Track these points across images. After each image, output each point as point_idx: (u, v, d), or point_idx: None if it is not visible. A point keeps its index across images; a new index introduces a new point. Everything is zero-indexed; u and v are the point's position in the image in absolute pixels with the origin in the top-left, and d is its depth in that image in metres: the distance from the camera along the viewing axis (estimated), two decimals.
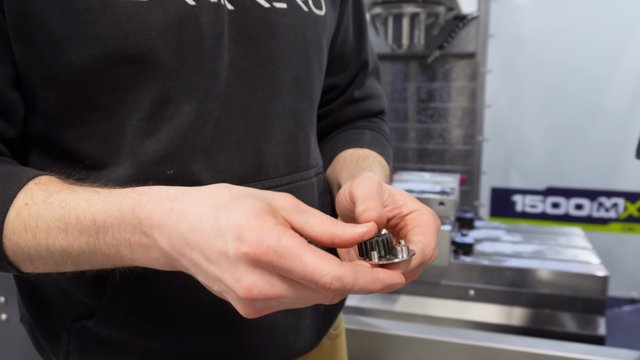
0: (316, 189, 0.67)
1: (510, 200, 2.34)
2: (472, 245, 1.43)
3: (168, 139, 0.53)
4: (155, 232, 0.42)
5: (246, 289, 0.38)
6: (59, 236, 0.45)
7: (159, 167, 0.53)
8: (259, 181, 0.58)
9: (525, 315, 1.33)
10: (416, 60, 2.23)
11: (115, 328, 0.57)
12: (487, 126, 2.28)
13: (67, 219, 0.45)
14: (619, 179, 2.20)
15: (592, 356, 1.02)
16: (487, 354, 1.08)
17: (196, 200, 0.41)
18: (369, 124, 0.78)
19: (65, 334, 0.59)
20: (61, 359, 0.60)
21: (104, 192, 0.45)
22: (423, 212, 0.49)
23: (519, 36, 2.22)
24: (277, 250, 0.37)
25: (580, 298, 1.31)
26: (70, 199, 0.45)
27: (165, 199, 0.42)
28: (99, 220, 0.44)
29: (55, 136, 0.54)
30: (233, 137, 0.56)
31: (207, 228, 0.39)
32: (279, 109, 0.59)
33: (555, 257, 1.43)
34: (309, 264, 0.37)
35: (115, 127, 0.52)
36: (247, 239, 0.37)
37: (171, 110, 0.53)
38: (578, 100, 2.20)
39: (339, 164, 0.70)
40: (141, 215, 0.42)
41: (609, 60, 2.14)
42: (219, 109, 0.55)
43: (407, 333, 1.13)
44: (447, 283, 1.39)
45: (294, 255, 0.37)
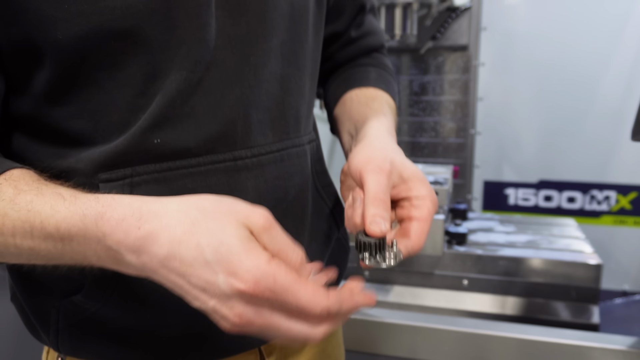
0: (309, 157, 0.66)
1: (503, 194, 2.34)
2: (465, 235, 1.42)
3: (157, 108, 0.52)
4: (122, 249, 0.42)
5: (237, 317, 0.41)
6: (25, 238, 0.45)
7: (146, 136, 0.52)
8: (248, 148, 0.57)
9: (519, 305, 1.32)
10: (409, 53, 2.22)
11: (103, 301, 0.55)
12: (480, 119, 2.28)
13: (32, 223, 0.44)
14: (611, 171, 2.21)
15: (586, 342, 1.02)
16: (481, 341, 1.07)
17: (167, 224, 0.42)
18: (371, 60, 0.78)
19: (54, 311, 0.58)
20: (51, 337, 0.59)
21: (69, 198, 0.44)
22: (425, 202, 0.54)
23: (512, 29, 2.22)
24: (274, 289, 0.40)
25: (573, 287, 1.30)
26: (36, 202, 0.45)
27: (130, 215, 0.42)
28: (62, 229, 0.43)
29: (43, 115, 0.52)
30: (225, 103, 0.55)
31: (188, 257, 0.41)
32: (266, 75, 0.58)
33: (548, 246, 1.43)
34: (302, 298, 0.40)
35: (104, 104, 0.51)
36: (242, 277, 0.40)
37: (162, 82, 0.52)
38: (570, 94, 2.20)
39: (347, 105, 0.71)
40: (105, 229, 0.42)
41: (601, 54, 2.14)
42: (209, 77, 0.54)
43: (400, 321, 1.12)
44: (441, 273, 1.38)
45: (289, 292, 0.40)
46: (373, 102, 0.69)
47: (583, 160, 2.23)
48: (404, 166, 0.56)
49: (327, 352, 0.77)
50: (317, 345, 0.74)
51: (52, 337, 0.59)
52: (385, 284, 1.42)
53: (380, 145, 0.59)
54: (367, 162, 0.55)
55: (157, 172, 0.53)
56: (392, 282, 1.42)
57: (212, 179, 0.55)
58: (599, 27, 2.12)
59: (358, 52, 0.79)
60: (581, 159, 2.24)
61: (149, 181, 0.53)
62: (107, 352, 0.58)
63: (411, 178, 0.55)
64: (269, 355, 0.67)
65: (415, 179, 0.55)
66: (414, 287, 1.40)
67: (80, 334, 0.58)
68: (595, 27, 2.13)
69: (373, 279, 1.43)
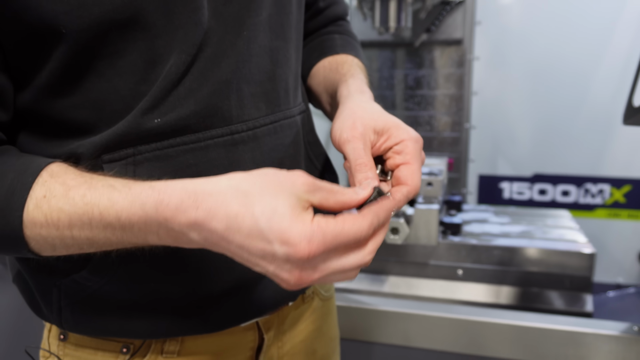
0: (301, 127, 0.68)
1: (498, 188, 2.35)
2: (460, 226, 1.43)
3: (157, 91, 0.53)
4: (184, 229, 0.45)
5: (297, 278, 0.44)
6: (83, 228, 0.47)
7: (146, 117, 0.53)
8: (244, 122, 0.58)
9: (513, 294, 1.33)
10: (403, 47, 2.23)
11: (108, 277, 0.57)
12: (474, 113, 2.28)
13: (90, 215, 0.46)
14: (605, 165, 2.22)
15: (579, 328, 1.02)
16: (475, 328, 1.07)
17: (223, 200, 0.44)
18: (337, 27, 0.82)
19: (55, 290, 0.59)
20: (54, 314, 0.60)
21: (122, 189, 0.46)
22: (405, 144, 0.55)
23: (506, 24, 2.22)
24: (325, 241, 0.42)
25: (567, 276, 1.31)
26: (91, 195, 0.46)
27: (187, 198, 0.44)
28: (123, 218, 0.45)
29: (45, 107, 0.53)
30: (220, 78, 0.56)
31: (245, 229, 0.43)
32: (256, 49, 0.59)
33: (542, 236, 1.43)
34: (351, 232, 0.43)
35: (107, 92, 0.52)
36: (295, 242, 0.42)
37: (162, 68, 0.53)
38: (565, 88, 2.21)
39: (320, 76, 0.75)
40: (166, 214, 0.44)
41: (595, 48, 2.15)
42: (203, 56, 0.55)
43: (394, 309, 1.13)
44: (436, 263, 1.39)
45: (339, 236, 0.43)
46: (342, 66, 0.72)
47: (577, 153, 2.24)
48: (375, 120, 0.57)
49: (323, 330, 0.78)
50: (313, 323, 0.75)
51: (55, 315, 0.60)
52: (380, 275, 1.43)
53: (348, 111, 0.60)
54: (340, 134, 0.56)
55: (158, 149, 0.54)
56: (387, 272, 1.43)
57: (212, 154, 0.56)
58: (593, 22, 2.13)
59: (326, 21, 0.82)
60: (575, 152, 2.24)
61: (151, 159, 0.54)
62: (110, 327, 0.59)
63: (385, 128, 0.56)
64: (267, 331, 0.68)
65: (390, 128, 0.56)
66: (409, 278, 1.41)
67: (83, 310, 0.59)
68: (589, 22, 2.14)
69: (368, 269, 1.43)
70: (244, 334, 0.66)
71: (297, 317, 0.73)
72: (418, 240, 1.36)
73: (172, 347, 0.61)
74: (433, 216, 1.34)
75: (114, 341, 0.61)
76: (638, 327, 1.02)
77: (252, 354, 0.68)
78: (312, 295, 0.76)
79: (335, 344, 0.83)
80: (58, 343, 0.63)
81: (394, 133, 0.56)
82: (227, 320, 0.62)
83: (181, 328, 0.60)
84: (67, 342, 0.62)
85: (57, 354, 0.62)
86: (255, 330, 0.67)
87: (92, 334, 0.60)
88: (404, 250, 1.40)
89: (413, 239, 1.36)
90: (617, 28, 2.11)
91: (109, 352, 0.61)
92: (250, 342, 0.67)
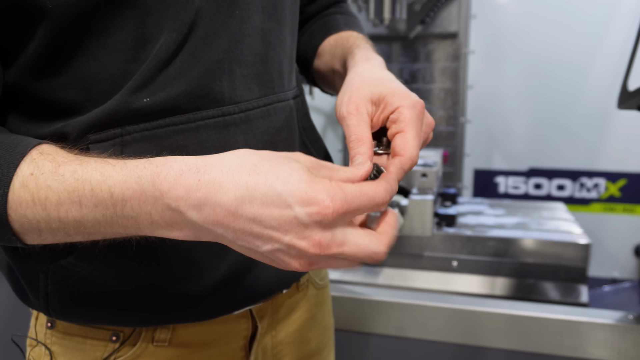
0: (295, 112, 0.67)
1: (493, 182, 2.34)
2: (455, 217, 1.42)
3: (146, 69, 0.52)
4: (182, 205, 0.42)
5: (316, 245, 0.41)
6: (72, 208, 0.43)
7: (135, 97, 0.52)
8: (235, 104, 0.57)
9: (508, 285, 1.32)
10: (399, 41, 2.22)
11: (97, 263, 0.55)
12: (470, 107, 2.28)
13: (80, 192, 0.43)
14: (600, 159, 2.22)
15: (574, 317, 1.02)
16: (470, 318, 1.07)
17: (229, 170, 0.42)
18: (338, 8, 0.82)
19: (42, 276, 0.57)
20: (41, 301, 0.58)
21: (117, 164, 0.44)
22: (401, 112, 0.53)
23: (502, 18, 2.22)
24: (347, 199, 0.41)
25: (562, 267, 1.30)
26: (82, 170, 0.43)
27: (187, 170, 0.42)
28: (116, 193, 0.43)
29: (32, 86, 0.51)
30: (211, 58, 0.55)
31: (259, 196, 0.41)
32: (248, 29, 0.58)
33: (538, 227, 1.43)
34: (370, 193, 0.43)
35: (95, 71, 0.51)
36: (319, 200, 0.41)
37: (152, 47, 0.51)
38: (560, 82, 2.21)
39: (327, 54, 0.74)
40: (163, 187, 0.42)
41: (591, 42, 2.15)
42: (194, 35, 0.54)
43: (389, 299, 1.12)
44: (430, 255, 1.38)
45: (359, 196, 0.42)
46: (347, 40, 0.71)
47: (572, 148, 2.24)
48: (372, 91, 0.55)
49: (318, 319, 0.77)
50: (307, 312, 0.75)
51: (41, 302, 0.58)
52: (375, 267, 1.42)
53: (347, 84, 0.58)
54: (339, 110, 0.55)
55: (147, 130, 0.53)
56: (382, 264, 1.42)
57: (202, 135, 0.55)
58: (589, 16, 2.13)
59: (327, 4, 0.82)
60: (571, 146, 2.24)
61: (140, 139, 0.52)
62: (99, 315, 0.58)
63: (381, 97, 0.54)
64: (261, 319, 0.67)
65: (385, 96, 0.54)
66: (404, 269, 1.40)
67: (71, 297, 0.57)
68: (584, 16, 2.13)
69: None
70: (237, 322, 0.65)
71: (291, 305, 0.72)
72: (413, 231, 1.35)
73: (163, 335, 0.60)
74: (427, 207, 1.33)
75: (103, 329, 0.59)
76: (633, 316, 1.01)
77: (245, 342, 0.66)
78: (306, 284, 0.75)
79: (330, 334, 0.82)
80: (45, 331, 0.61)
81: (389, 101, 0.53)
82: (219, 309, 0.61)
83: (172, 316, 0.59)
84: (54, 330, 0.61)
85: (45, 342, 0.61)
86: (249, 319, 0.66)
87: (80, 321, 0.58)
88: (398, 241, 1.39)
89: (408, 230, 1.35)
90: (613, 22, 2.11)
91: (98, 341, 0.59)
92: (244, 331, 0.66)
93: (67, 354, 0.60)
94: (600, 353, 1.00)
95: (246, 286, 0.61)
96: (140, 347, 0.60)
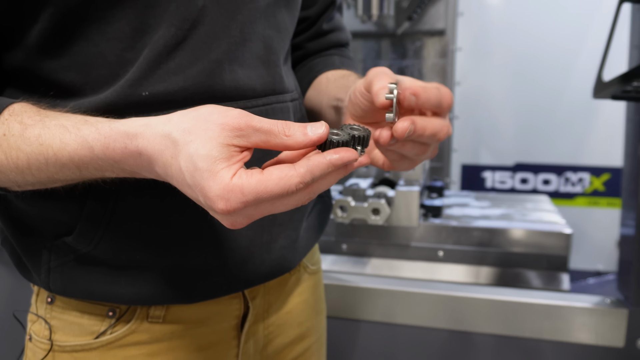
0: (292, 114, 0.69)
1: (480, 177, 2.38)
2: (440, 208, 1.45)
3: (144, 62, 0.54)
4: (135, 169, 0.47)
5: (230, 225, 0.44)
6: (41, 168, 0.48)
7: (134, 89, 0.54)
8: (235, 101, 0.59)
9: (492, 274, 1.35)
10: (387, 38, 2.25)
11: (95, 244, 0.58)
12: (457, 104, 2.31)
13: (46, 155, 0.47)
14: (585, 154, 2.26)
15: (556, 301, 1.05)
16: (454, 303, 1.10)
17: (159, 149, 0.44)
18: (337, 51, 0.83)
19: (45, 251, 0.60)
20: (42, 276, 0.60)
21: (73, 130, 0.47)
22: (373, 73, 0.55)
23: (488, 15, 2.26)
24: (245, 199, 0.42)
25: (545, 255, 1.34)
26: (45, 135, 0.48)
27: (130, 144, 0.45)
28: (75, 159, 0.47)
29: (35, 67, 0.55)
30: (211, 58, 0.57)
31: (178, 179, 0.44)
32: (252, 34, 0.60)
33: (521, 218, 1.46)
34: (275, 189, 0.42)
35: (94, 56, 0.54)
36: (214, 200, 0.42)
37: (150, 37, 0.54)
38: (545, 79, 2.25)
39: (323, 84, 0.74)
40: (114, 157, 0.46)
41: (576, 40, 2.19)
42: (196, 33, 0.56)
43: (377, 286, 1.15)
44: (417, 245, 1.41)
45: (260, 193, 0.42)
46: (348, 77, 0.71)
47: (558, 143, 2.28)
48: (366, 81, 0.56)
49: (310, 303, 0.79)
50: (299, 295, 0.77)
51: (43, 277, 0.60)
52: (363, 257, 1.45)
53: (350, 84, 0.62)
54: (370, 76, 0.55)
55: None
56: (369, 255, 1.45)
57: None
58: (574, 13, 2.17)
59: (328, 44, 0.83)
60: (556, 142, 2.28)
61: None
62: (97, 291, 0.60)
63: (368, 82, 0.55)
64: (253, 299, 0.69)
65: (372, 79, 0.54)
66: (391, 260, 1.43)
67: (72, 273, 0.59)
68: (569, 13, 2.17)
69: (350, 251, 1.45)
70: (229, 302, 0.67)
71: (283, 288, 0.74)
72: (399, 222, 1.38)
73: (157, 313, 0.62)
74: (414, 198, 1.36)
75: (100, 305, 0.62)
76: (610, 300, 1.05)
77: (237, 322, 0.68)
78: (298, 268, 0.77)
79: (322, 318, 0.84)
80: (45, 306, 0.64)
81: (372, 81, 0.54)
82: (212, 292, 0.63)
83: (166, 296, 0.61)
84: (54, 305, 0.63)
85: (45, 317, 0.63)
86: (241, 299, 0.68)
87: (78, 296, 0.61)
88: (385, 232, 1.42)
89: (394, 220, 1.38)
90: (597, 20, 2.15)
91: (95, 316, 0.62)
92: (236, 311, 0.68)
93: (66, 328, 0.62)
94: (579, 336, 1.04)
95: (240, 273, 0.63)
96: (135, 323, 0.62)
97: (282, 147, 0.44)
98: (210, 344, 0.66)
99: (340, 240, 1.45)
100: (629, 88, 0.83)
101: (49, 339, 0.62)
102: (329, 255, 1.45)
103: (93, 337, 0.61)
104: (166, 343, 0.63)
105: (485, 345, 1.09)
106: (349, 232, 1.44)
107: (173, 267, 0.60)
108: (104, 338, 0.61)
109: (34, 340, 0.64)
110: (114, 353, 0.61)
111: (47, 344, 0.62)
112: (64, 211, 0.57)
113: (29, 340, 0.65)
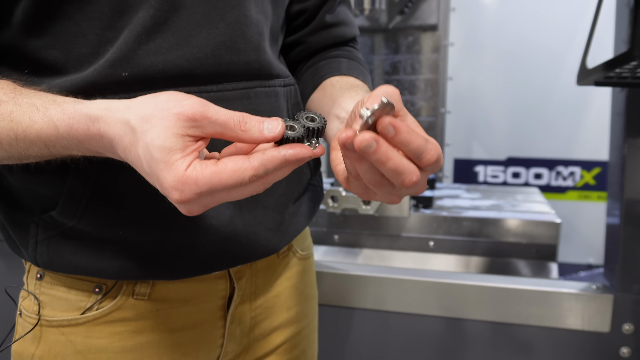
0: (283, 97, 0.68)
1: (473, 171, 2.40)
2: (431, 199, 1.47)
3: (123, 42, 0.55)
4: (99, 150, 0.49)
5: (188, 213, 0.46)
6: (12, 145, 0.51)
7: (114, 69, 0.55)
8: (215, 84, 0.60)
9: (482, 264, 1.37)
10: (380, 33, 2.26)
11: (77, 218, 0.59)
12: (450, 98, 2.33)
13: (15, 132, 0.50)
14: (576, 148, 2.28)
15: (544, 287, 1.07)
16: (443, 290, 1.11)
17: (119, 134, 0.46)
18: (344, 52, 0.78)
19: (33, 225, 0.61)
20: (30, 250, 0.62)
21: (42, 109, 0.49)
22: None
23: (480, 11, 2.27)
24: (199, 191, 0.43)
25: (534, 245, 1.36)
26: (16, 112, 0.49)
27: (92, 126, 0.47)
28: (43, 137, 0.49)
29: (21, 45, 0.56)
30: (193, 42, 0.58)
31: (137, 165, 0.46)
32: (239, 17, 0.61)
33: (511, 209, 1.48)
34: (229, 181, 0.43)
35: (75, 35, 0.55)
36: (169, 191, 0.44)
37: (129, 18, 0.55)
38: (537, 74, 2.27)
39: (328, 89, 0.71)
40: (78, 138, 0.48)
41: (566, 35, 2.21)
42: (177, 17, 0.57)
43: (368, 273, 1.16)
44: (408, 235, 1.42)
45: (214, 184, 0.43)
46: (356, 89, 0.68)
47: (549, 137, 2.30)
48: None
49: (299, 288, 0.79)
50: (288, 280, 0.77)
51: (30, 250, 0.61)
52: (354, 247, 1.46)
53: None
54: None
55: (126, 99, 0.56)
56: (361, 245, 1.46)
57: None
58: (565, 9, 2.19)
59: (331, 39, 0.78)
60: (547, 136, 2.30)
61: None
62: (81, 264, 0.61)
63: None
64: (238, 280, 0.70)
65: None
66: (382, 250, 1.44)
67: (58, 246, 0.60)
68: (561, 9, 2.19)
69: (342, 242, 1.47)
70: (215, 281, 0.68)
71: (271, 271, 0.74)
72: (390, 212, 1.39)
73: (142, 290, 0.63)
74: None
75: (87, 281, 0.63)
76: (596, 286, 1.07)
77: (223, 302, 0.69)
78: (286, 252, 0.77)
79: (312, 304, 0.83)
80: (35, 282, 0.65)
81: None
82: (194, 269, 0.64)
83: (149, 272, 0.62)
84: (42, 281, 0.64)
85: (34, 292, 0.64)
86: (227, 279, 0.68)
87: (64, 269, 0.61)
88: (376, 223, 1.44)
89: (385, 211, 1.40)
90: (587, 16, 2.17)
91: (82, 292, 0.63)
92: (222, 291, 0.68)
93: (54, 303, 0.63)
94: (567, 321, 1.05)
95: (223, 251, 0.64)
96: (121, 299, 0.63)
97: (237, 140, 0.45)
98: (195, 323, 0.67)
99: (332, 231, 1.46)
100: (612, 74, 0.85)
101: (38, 314, 0.63)
102: (321, 246, 1.46)
103: (80, 312, 0.62)
104: (152, 320, 0.64)
105: (475, 331, 1.11)
106: (341, 223, 1.45)
107: (155, 242, 0.60)
108: (90, 314, 0.62)
109: (23, 316, 0.65)
110: (100, 329, 0.62)
111: (35, 318, 0.63)
112: (49, 186, 0.59)
113: (19, 315, 0.66)
